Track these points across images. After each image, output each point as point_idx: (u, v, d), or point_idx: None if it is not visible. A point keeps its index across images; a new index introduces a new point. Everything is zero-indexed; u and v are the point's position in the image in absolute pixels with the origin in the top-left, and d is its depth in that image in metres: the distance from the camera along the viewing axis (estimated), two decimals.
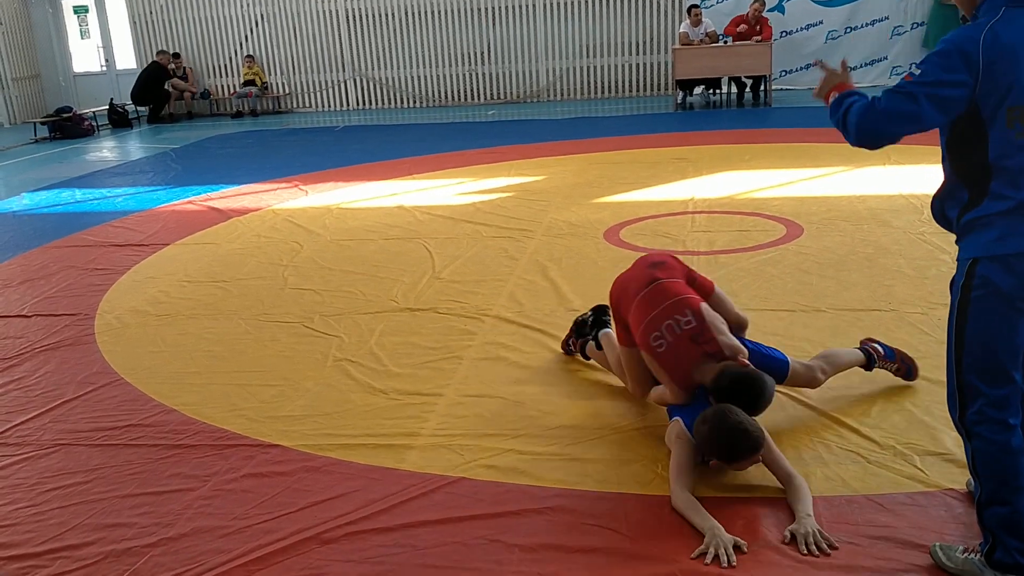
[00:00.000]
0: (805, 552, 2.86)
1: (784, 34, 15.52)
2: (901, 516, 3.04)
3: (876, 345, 4.02)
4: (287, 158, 12.01)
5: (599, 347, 4.28)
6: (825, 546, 2.88)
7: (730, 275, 5.68)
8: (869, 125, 2.55)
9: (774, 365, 3.64)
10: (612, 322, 4.03)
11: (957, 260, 2.60)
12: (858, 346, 4.05)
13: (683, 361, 3.46)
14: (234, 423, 4.10)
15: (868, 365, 3.97)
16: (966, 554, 2.67)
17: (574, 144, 11.55)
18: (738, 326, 3.90)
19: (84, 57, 19.99)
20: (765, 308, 5.09)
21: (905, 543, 2.89)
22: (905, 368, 4.00)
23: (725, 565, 2.82)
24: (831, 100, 2.72)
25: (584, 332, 4.45)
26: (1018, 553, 2.54)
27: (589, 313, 4.50)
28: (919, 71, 2.49)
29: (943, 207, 2.65)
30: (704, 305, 3.59)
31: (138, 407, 4.35)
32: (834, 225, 6.71)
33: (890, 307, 4.96)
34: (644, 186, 8.59)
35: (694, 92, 15.44)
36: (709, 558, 2.85)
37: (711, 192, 8.13)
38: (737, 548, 2.88)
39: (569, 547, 3.00)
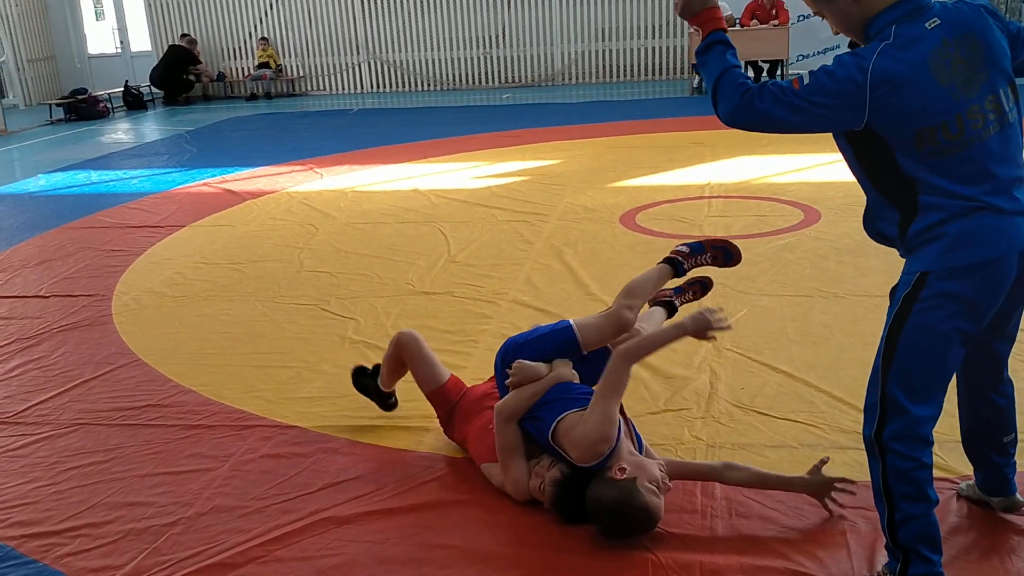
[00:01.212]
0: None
1: (801, 18, 15.40)
2: None
3: (680, 247, 3.57)
4: (302, 141, 12.01)
5: None
6: None
7: (747, 260, 5.58)
8: (742, 119, 2.43)
9: (557, 339, 3.32)
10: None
11: (903, 272, 2.50)
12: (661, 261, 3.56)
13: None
14: (252, 404, 4.11)
15: (677, 271, 3.51)
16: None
17: (589, 128, 11.51)
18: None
19: (99, 39, 20.03)
20: (783, 294, 5.08)
21: None
22: (722, 253, 3.59)
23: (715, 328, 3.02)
24: (702, 41, 2.53)
25: None
26: (934, 561, 2.47)
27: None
28: (808, 81, 2.37)
29: (876, 225, 2.54)
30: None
31: (156, 387, 4.37)
32: (852, 210, 6.66)
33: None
34: (660, 170, 8.56)
35: None
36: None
37: (728, 177, 8.09)
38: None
39: (587, 530, 3.00)
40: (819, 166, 8.25)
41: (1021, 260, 2.40)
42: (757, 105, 2.40)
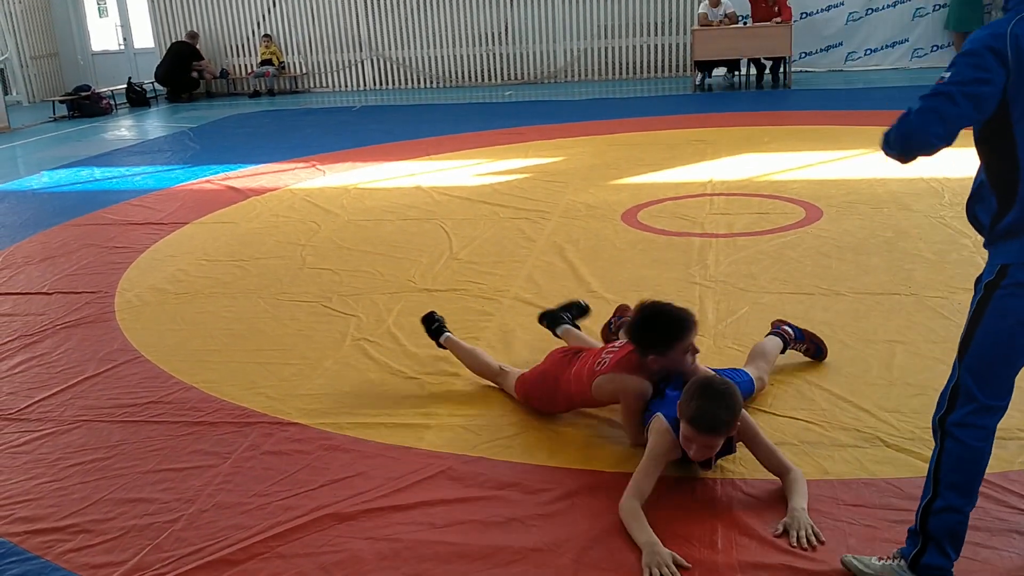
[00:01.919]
0: (794, 545, 2.83)
1: (804, 15, 15.40)
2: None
3: (787, 327, 4.10)
4: (304, 138, 12.02)
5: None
6: (816, 541, 2.83)
7: (749, 258, 5.67)
8: (907, 130, 2.42)
9: (743, 388, 3.54)
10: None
11: (987, 263, 2.53)
12: (770, 331, 4.13)
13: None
14: (254, 401, 4.12)
15: (784, 348, 4.05)
16: (882, 560, 2.62)
17: (592, 125, 11.50)
18: None
19: (102, 36, 20.05)
20: (784, 291, 5.08)
21: None
22: (814, 348, 4.10)
23: None
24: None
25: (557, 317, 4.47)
26: (952, 560, 2.52)
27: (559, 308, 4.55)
28: (949, 73, 2.39)
29: (975, 210, 2.57)
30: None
31: (158, 384, 4.39)
32: (854, 208, 6.68)
33: (910, 291, 4.93)
34: (662, 168, 8.56)
35: (713, 74, 15.34)
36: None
37: (730, 174, 8.09)
38: (678, 565, 2.78)
39: (587, 527, 3.01)
40: (821, 164, 8.25)
41: None
42: (915, 110, 2.40)
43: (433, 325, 4.36)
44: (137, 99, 17.38)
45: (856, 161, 8.15)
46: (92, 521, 3.24)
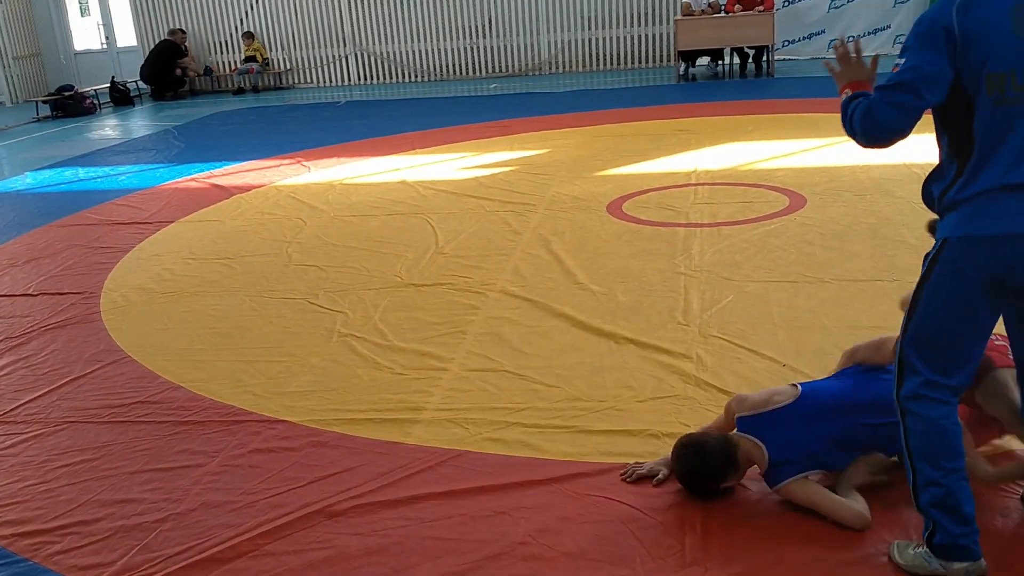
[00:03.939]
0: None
1: (786, 3, 15.41)
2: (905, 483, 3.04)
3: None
4: (289, 134, 11.99)
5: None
6: None
7: (733, 247, 5.69)
8: (871, 120, 2.50)
9: None
10: None
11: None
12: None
13: None
14: (241, 399, 4.12)
15: None
16: (916, 549, 2.63)
17: (577, 117, 11.51)
18: None
19: (85, 35, 19.92)
20: (768, 279, 5.10)
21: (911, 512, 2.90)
22: None
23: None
24: (841, 98, 2.68)
25: None
26: (956, 535, 2.51)
27: None
28: (903, 59, 2.48)
29: (930, 185, 2.62)
30: None
31: (145, 384, 4.38)
32: (837, 195, 6.70)
33: (893, 277, 4.96)
34: (647, 158, 8.57)
35: (697, 63, 15.35)
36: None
37: (714, 164, 8.11)
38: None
39: (574, 519, 3.03)
40: (804, 152, 8.28)
41: None
42: (876, 101, 2.49)
43: None
44: (121, 98, 17.31)
45: (839, 148, 8.16)
46: (80, 522, 3.24)
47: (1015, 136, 2.40)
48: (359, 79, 18.14)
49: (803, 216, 6.26)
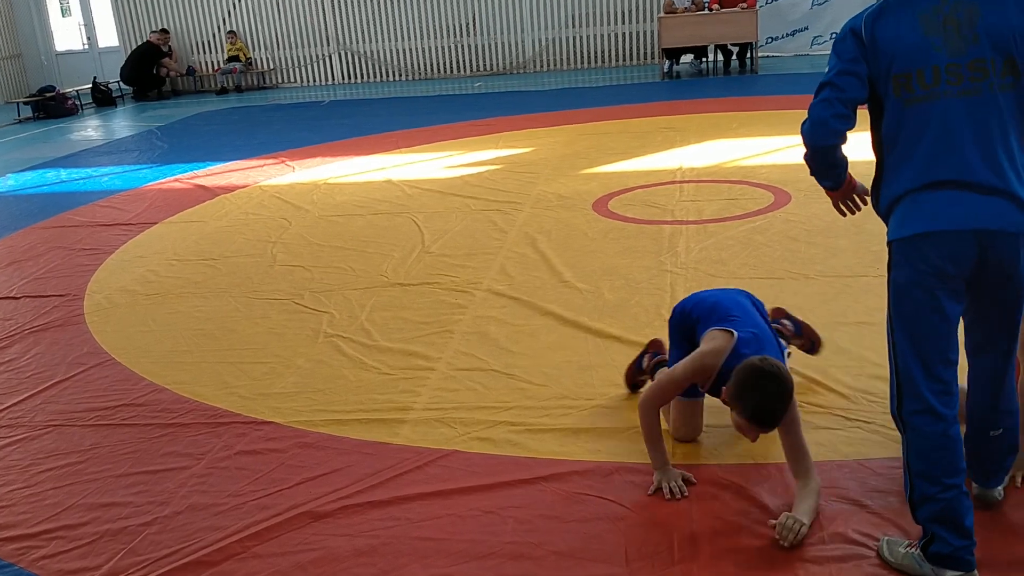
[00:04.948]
0: (780, 541, 2.76)
1: (769, 1, 15.44)
2: (893, 480, 3.06)
3: (786, 321, 3.93)
4: (273, 134, 11.94)
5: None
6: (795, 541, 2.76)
7: (719, 244, 5.70)
8: (807, 120, 2.65)
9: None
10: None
11: None
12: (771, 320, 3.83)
13: None
14: (226, 401, 4.10)
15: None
16: (907, 548, 2.63)
17: (561, 115, 11.50)
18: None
19: (66, 35, 19.80)
20: (754, 276, 5.11)
21: (897, 510, 2.91)
22: (808, 343, 3.92)
23: (678, 497, 3.04)
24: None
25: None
26: (954, 546, 2.51)
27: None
28: (829, 65, 2.66)
29: (874, 194, 2.75)
30: None
31: (130, 387, 4.35)
32: (821, 192, 6.55)
33: (878, 272, 4.94)
34: (632, 156, 8.58)
35: (681, 61, 15.37)
36: (654, 489, 3.08)
37: (699, 161, 8.12)
38: (686, 481, 3.10)
39: (563, 517, 3.03)
40: (789, 148, 8.28)
41: (979, 240, 2.46)
42: (812, 104, 2.64)
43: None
44: (103, 99, 17.20)
45: None
46: (65, 527, 3.22)
47: (929, 134, 2.50)
48: (343, 78, 18.09)
49: (788, 212, 6.28)
